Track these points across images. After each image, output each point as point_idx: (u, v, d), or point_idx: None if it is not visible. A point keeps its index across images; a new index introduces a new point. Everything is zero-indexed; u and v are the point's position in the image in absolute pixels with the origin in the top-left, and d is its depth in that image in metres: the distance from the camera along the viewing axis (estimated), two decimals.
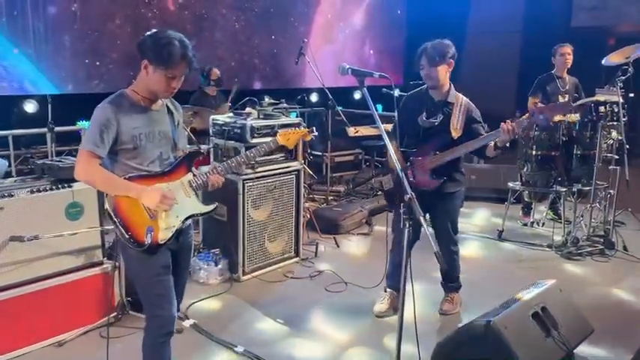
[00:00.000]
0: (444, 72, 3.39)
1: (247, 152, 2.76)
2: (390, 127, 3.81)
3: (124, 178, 2.36)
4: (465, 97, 3.50)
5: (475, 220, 6.09)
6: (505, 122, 3.13)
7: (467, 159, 7.24)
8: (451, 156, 3.35)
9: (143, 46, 2.34)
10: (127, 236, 2.35)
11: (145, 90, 2.41)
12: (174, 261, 2.53)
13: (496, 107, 6.01)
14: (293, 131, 2.90)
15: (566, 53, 5.53)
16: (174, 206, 2.42)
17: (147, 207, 2.37)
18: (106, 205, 2.37)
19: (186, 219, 2.51)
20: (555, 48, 5.61)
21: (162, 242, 2.41)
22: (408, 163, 3.47)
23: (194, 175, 2.54)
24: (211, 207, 2.63)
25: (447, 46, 3.37)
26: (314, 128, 3.04)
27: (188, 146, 3.14)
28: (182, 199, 2.48)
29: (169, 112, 2.54)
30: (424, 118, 3.41)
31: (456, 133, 3.38)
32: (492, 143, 3.27)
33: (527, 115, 3.18)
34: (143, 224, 2.37)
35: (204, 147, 4.58)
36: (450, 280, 3.82)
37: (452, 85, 3.49)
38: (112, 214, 2.36)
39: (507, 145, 3.26)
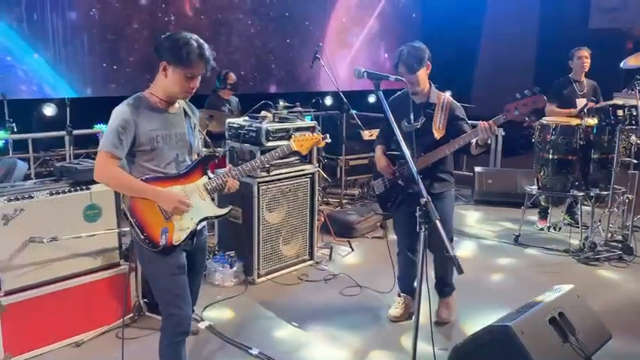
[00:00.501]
0: (423, 76, 3.39)
1: (262, 157, 2.77)
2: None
3: (140, 180, 2.39)
4: (447, 95, 3.48)
5: (491, 224, 6.04)
6: (482, 122, 3.10)
7: (482, 162, 7.25)
8: (435, 157, 3.32)
9: (161, 48, 2.37)
10: (142, 237, 2.39)
11: (163, 92, 2.44)
12: (189, 262, 2.56)
13: None
14: (307, 137, 2.88)
15: (583, 56, 5.47)
16: (195, 209, 2.46)
17: (162, 209, 2.41)
18: (122, 205, 2.42)
19: (201, 221, 2.54)
20: (572, 51, 5.55)
21: (176, 244, 2.44)
22: (396, 167, 3.48)
23: (209, 178, 2.57)
24: (225, 210, 2.65)
25: (422, 51, 3.34)
26: (327, 135, 3.03)
27: (204, 149, 3.17)
28: (197, 202, 2.50)
29: (186, 114, 2.58)
30: (406, 123, 3.28)
31: (438, 134, 3.36)
32: (474, 142, 3.24)
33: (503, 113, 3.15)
34: (158, 225, 2.41)
35: (219, 150, 4.62)
36: (445, 284, 3.74)
37: (432, 84, 3.47)
38: (128, 214, 2.40)
39: (489, 142, 3.24)
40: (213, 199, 2.60)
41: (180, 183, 2.48)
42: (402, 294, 3.82)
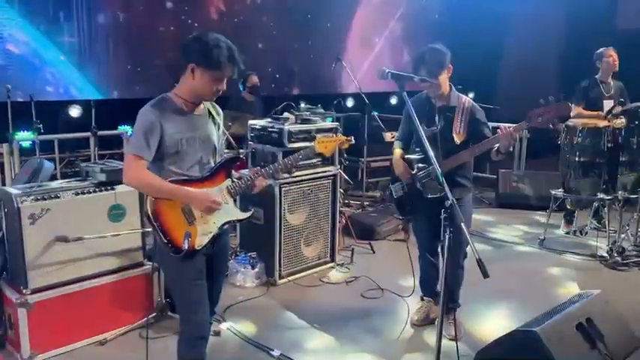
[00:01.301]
0: (445, 80, 3.30)
1: (285, 160, 2.74)
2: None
3: None
4: (468, 98, 3.38)
5: (515, 227, 5.95)
6: (503, 127, 3.02)
7: (507, 165, 7.16)
8: (455, 162, 3.22)
9: (189, 50, 2.35)
10: (165, 241, 2.37)
11: (190, 94, 2.42)
12: (210, 265, 2.54)
13: None
14: (331, 139, 2.84)
15: (613, 57, 5.35)
16: (217, 214, 2.45)
17: (187, 211, 2.40)
18: (146, 208, 2.38)
19: (223, 225, 2.52)
20: (600, 51, 5.43)
21: (198, 248, 2.42)
22: (414, 171, 3.38)
23: (232, 181, 2.55)
24: (248, 214, 2.63)
25: (443, 54, 3.24)
26: (352, 137, 3.00)
27: (226, 151, 3.16)
28: None
29: (211, 116, 2.56)
30: (425, 127, 3.24)
31: (459, 138, 3.27)
32: (495, 148, 3.15)
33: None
34: (181, 229, 2.39)
35: (242, 151, 4.63)
36: (451, 299, 3.50)
37: (452, 87, 3.38)
38: (152, 217, 2.37)
39: (510, 149, 3.15)
40: (235, 202, 2.59)
41: (204, 186, 2.46)
42: (424, 297, 3.77)
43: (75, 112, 6.64)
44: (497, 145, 3.10)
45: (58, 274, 3.17)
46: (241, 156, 2.74)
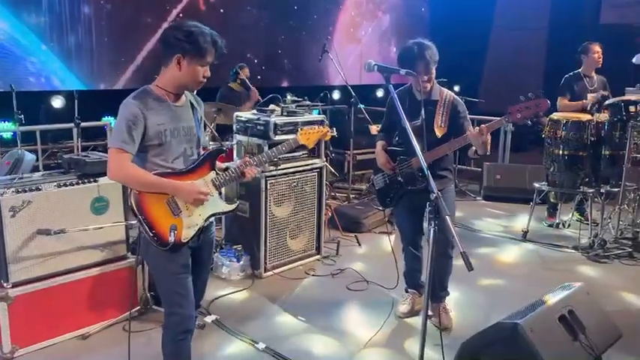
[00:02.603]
0: (433, 75, 3.36)
1: (268, 151, 2.73)
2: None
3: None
4: (450, 92, 3.43)
5: (499, 220, 6.00)
6: (471, 129, 3.09)
7: (491, 158, 7.21)
8: (436, 155, 3.27)
9: (174, 40, 2.30)
10: (151, 234, 2.34)
11: (173, 85, 2.39)
12: (195, 258, 2.53)
13: None
14: (313, 130, 2.85)
15: (598, 51, 5.40)
16: (202, 206, 2.44)
17: (173, 204, 2.38)
18: (130, 202, 2.35)
19: (209, 217, 2.51)
20: (585, 46, 5.47)
21: (184, 241, 2.41)
22: (396, 163, 3.43)
23: (217, 173, 2.53)
24: (233, 206, 2.63)
25: (435, 51, 3.29)
26: (334, 128, 3.00)
27: (211, 143, 3.13)
28: None
29: (192, 107, 2.53)
30: (408, 120, 3.29)
31: (440, 132, 3.32)
32: (473, 147, 3.21)
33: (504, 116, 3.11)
34: (167, 222, 2.36)
35: (226, 144, 4.60)
36: (441, 288, 3.59)
37: (434, 81, 3.42)
38: (137, 210, 2.34)
39: (487, 153, 3.21)
40: (220, 195, 2.58)
41: (188, 178, 2.44)
42: (409, 290, 3.80)
43: (57, 102, 6.55)
44: (469, 143, 3.17)
45: (39, 268, 3.13)
46: (225, 148, 2.72)
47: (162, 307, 2.57)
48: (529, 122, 3.07)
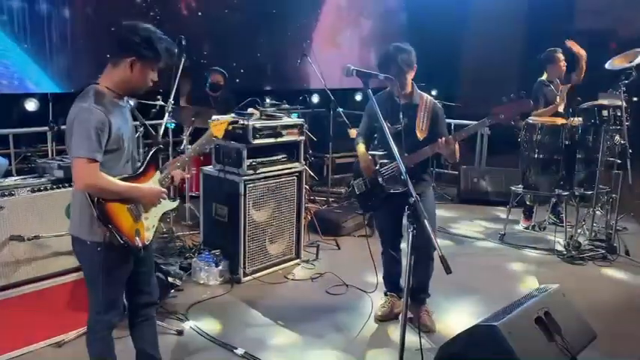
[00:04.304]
0: (410, 78, 3.40)
1: (190, 151, 2.75)
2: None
3: None
4: (430, 97, 3.48)
5: (476, 223, 6.07)
6: (441, 139, 3.17)
7: (468, 161, 7.29)
8: (418, 158, 3.32)
9: (130, 43, 2.25)
10: (122, 241, 2.31)
11: (123, 87, 2.33)
12: (141, 259, 2.53)
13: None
14: (221, 121, 2.84)
15: (562, 61, 5.51)
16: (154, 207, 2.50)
17: (134, 209, 2.37)
18: (95, 213, 2.27)
19: (160, 216, 2.57)
20: (551, 54, 5.52)
21: (147, 243, 2.46)
22: (377, 166, 3.46)
23: (161, 173, 2.55)
24: (176, 202, 2.70)
25: (411, 54, 3.34)
26: (238, 120, 3.13)
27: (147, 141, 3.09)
28: None
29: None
30: (389, 125, 3.26)
31: (421, 135, 3.37)
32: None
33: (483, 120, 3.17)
34: (131, 227, 2.37)
35: (162, 141, 4.50)
36: (423, 290, 3.63)
37: (415, 85, 3.47)
38: (105, 220, 2.28)
39: (456, 160, 3.32)
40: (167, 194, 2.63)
41: (140, 182, 2.43)
42: (388, 293, 3.81)
43: (31, 105, 6.42)
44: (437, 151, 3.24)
45: (13, 275, 3.06)
46: (161, 145, 2.74)
47: (94, 307, 2.50)
48: (512, 122, 3.13)
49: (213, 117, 3.04)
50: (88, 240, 2.34)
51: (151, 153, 2.52)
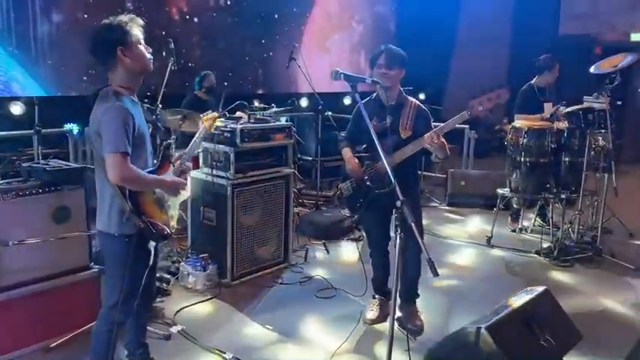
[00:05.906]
0: (398, 76, 3.46)
1: (189, 149, 2.85)
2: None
3: None
4: (415, 100, 3.54)
5: (464, 226, 6.10)
6: (427, 134, 3.19)
7: (456, 164, 7.33)
8: (401, 156, 3.34)
9: (110, 39, 2.40)
10: (154, 231, 2.46)
11: (132, 77, 2.47)
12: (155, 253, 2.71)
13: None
14: (209, 116, 3.01)
15: (557, 69, 5.55)
16: (173, 197, 2.67)
17: (159, 200, 2.54)
18: (127, 207, 2.41)
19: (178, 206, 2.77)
20: (551, 62, 5.51)
21: (173, 231, 2.64)
22: (364, 168, 3.49)
23: (173, 166, 2.71)
24: (188, 192, 2.92)
25: (400, 53, 3.44)
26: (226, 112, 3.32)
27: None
28: None
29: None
30: (375, 123, 3.34)
31: (404, 134, 3.41)
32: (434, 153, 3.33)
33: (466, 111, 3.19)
34: (160, 217, 2.53)
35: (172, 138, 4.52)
36: (412, 291, 3.69)
37: (401, 89, 3.53)
38: (137, 212, 2.43)
39: (446, 156, 3.35)
40: None
41: (160, 174, 2.60)
42: (376, 296, 3.82)
43: (17, 109, 6.35)
44: (423, 147, 3.27)
45: None
46: (171, 141, 2.84)
47: (111, 299, 2.60)
48: (489, 114, 3.16)
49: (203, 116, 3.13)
50: (117, 233, 2.47)
51: (162, 151, 2.67)
